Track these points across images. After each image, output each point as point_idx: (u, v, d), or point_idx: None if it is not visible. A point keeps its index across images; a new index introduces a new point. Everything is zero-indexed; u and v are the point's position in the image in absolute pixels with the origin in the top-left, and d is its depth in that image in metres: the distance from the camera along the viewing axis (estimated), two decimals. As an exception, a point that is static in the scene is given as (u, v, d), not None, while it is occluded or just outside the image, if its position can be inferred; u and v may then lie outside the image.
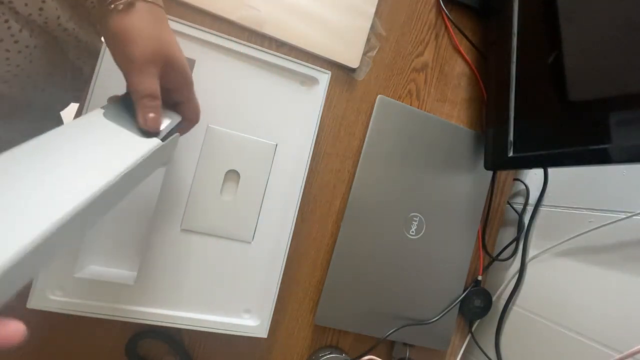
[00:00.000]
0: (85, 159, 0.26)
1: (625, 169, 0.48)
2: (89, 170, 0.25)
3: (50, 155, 0.25)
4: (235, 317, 0.45)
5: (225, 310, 0.44)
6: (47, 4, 0.37)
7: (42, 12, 0.37)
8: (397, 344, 0.57)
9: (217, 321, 0.44)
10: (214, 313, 0.44)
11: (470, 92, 0.62)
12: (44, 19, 0.38)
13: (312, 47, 0.52)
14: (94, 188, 0.24)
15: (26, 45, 0.37)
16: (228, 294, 0.45)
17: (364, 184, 0.54)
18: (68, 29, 0.42)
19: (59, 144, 0.26)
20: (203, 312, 0.44)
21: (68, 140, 0.27)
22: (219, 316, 0.44)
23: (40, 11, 0.37)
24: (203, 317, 0.43)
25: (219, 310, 0.44)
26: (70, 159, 0.25)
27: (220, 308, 0.44)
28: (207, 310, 0.44)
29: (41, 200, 0.22)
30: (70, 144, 0.26)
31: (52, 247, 0.22)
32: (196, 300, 0.44)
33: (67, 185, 0.23)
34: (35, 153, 0.24)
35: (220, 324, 0.44)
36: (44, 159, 0.24)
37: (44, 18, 0.38)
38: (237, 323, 0.44)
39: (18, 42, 0.36)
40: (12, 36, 0.36)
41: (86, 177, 0.24)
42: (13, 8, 0.35)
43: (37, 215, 0.21)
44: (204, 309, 0.44)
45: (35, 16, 0.37)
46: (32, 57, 0.39)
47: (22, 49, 0.37)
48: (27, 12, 0.36)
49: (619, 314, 0.43)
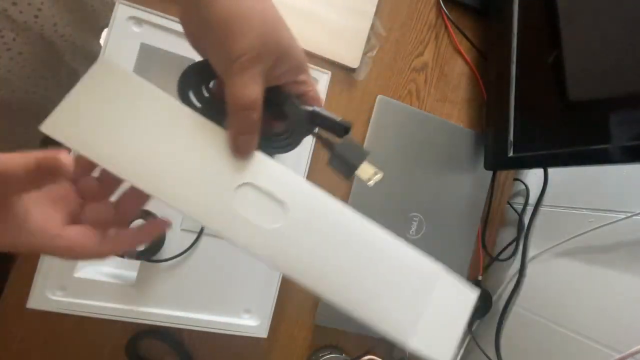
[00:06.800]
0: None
1: (625, 169, 0.48)
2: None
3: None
4: (235, 317, 0.45)
5: (225, 310, 0.45)
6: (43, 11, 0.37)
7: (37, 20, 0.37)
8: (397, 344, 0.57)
9: (217, 321, 0.44)
10: (214, 313, 0.44)
11: (470, 92, 0.62)
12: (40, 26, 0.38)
13: (312, 47, 0.52)
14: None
15: (19, 52, 0.37)
16: (228, 294, 0.45)
17: (364, 184, 0.54)
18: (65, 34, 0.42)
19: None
20: (203, 312, 0.44)
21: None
22: (219, 316, 0.44)
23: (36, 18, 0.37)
24: (203, 317, 0.43)
25: (219, 310, 0.44)
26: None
27: (220, 308, 0.44)
28: (207, 310, 0.44)
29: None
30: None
31: None
32: (196, 300, 0.44)
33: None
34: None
35: (220, 324, 0.44)
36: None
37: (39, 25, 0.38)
38: (237, 323, 0.44)
39: (11, 49, 0.36)
40: (5, 44, 0.35)
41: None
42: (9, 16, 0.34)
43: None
44: (204, 309, 0.44)
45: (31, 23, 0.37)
46: (25, 62, 0.38)
47: (14, 55, 0.37)
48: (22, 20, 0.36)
49: (619, 314, 0.43)
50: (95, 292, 0.40)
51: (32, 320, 0.43)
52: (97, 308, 0.40)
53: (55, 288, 0.39)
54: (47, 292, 0.39)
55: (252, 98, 0.23)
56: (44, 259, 0.39)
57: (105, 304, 0.40)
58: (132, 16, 0.41)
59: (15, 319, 0.43)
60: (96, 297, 0.40)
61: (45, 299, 0.39)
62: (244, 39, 0.22)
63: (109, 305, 0.40)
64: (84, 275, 0.41)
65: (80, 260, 0.38)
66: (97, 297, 0.40)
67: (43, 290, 0.39)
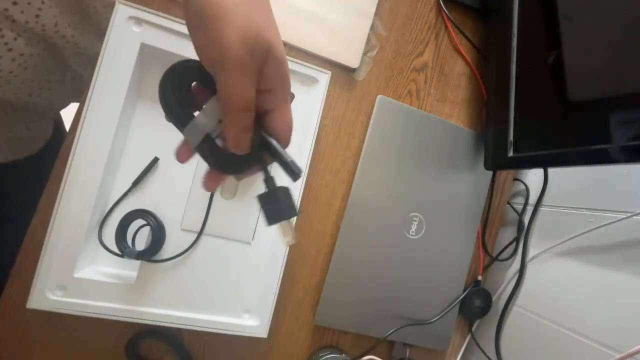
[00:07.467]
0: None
1: (625, 169, 0.48)
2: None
3: None
4: (235, 317, 0.45)
5: (225, 310, 0.45)
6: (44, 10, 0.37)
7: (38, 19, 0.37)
8: (397, 344, 0.57)
9: (217, 321, 0.44)
10: (214, 313, 0.44)
11: (470, 92, 0.62)
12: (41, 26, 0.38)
13: (312, 47, 0.52)
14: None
15: (21, 53, 0.37)
16: (228, 294, 0.45)
17: (364, 184, 0.54)
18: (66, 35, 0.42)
19: None
20: (203, 312, 0.44)
21: None
22: (219, 316, 0.44)
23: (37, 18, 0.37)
24: (203, 317, 0.43)
25: (219, 310, 0.44)
26: None
27: (220, 308, 0.44)
28: (207, 310, 0.44)
29: None
30: None
31: None
32: (196, 300, 0.44)
33: None
34: None
35: (220, 324, 0.44)
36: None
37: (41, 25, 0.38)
38: (237, 323, 0.44)
39: (12, 50, 0.36)
40: (6, 44, 0.35)
41: None
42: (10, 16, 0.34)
43: None
44: (204, 309, 0.44)
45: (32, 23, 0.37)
46: (27, 64, 0.38)
47: (16, 56, 0.37)
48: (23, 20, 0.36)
49: (618, 314, 0.43)
50: (95, 292, 0.40)
51: (32, 320, 0.43)
52: (97, 308, 0.40)
53: (55, 288, 0.39)
54: (47, 292, 0.39)
55: (248, 98, 0.23)
56: (44, 259, 0.39)
57: (105, 304, 0.40)
58: (132, 16, 0.41)
59: (15, 319, 0.43)
60: (96, 297, 0.40)
61: (45, 299, 0.39)
62: (236, 27, 0.21)
63: (109, 305, 0.40)
64: (84, 275, 0.41)
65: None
66: (97, 297, 0.40)
67: (43, 290, 0.39)
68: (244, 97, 0.22)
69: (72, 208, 0.40)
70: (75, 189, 0.40)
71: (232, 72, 0.22)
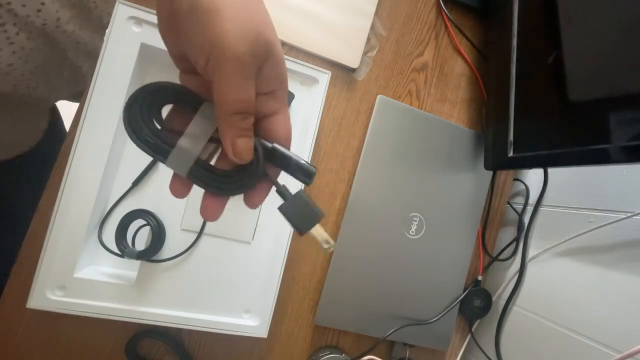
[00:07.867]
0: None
1: (625, 169, 0.48)
2: None
3: None
4: (235, 317, 0.45)
5: (225, 310, 0.45)
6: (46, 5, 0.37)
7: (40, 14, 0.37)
8: (397, 344, 0.57)
9: (217, 321, 0.44)
10: (214, 313, 0.44)
11: (470, 92, 0.62)
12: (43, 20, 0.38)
13: (311, 47, 0.52)
14: None
15: (22, 47, 0.37)
16: (228, 294, 0.45)
17: (364, 184, 0.54)
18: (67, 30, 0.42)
19: None
20: (203, 312, 0.44)
21: None
22: (219, 316, 0.44)
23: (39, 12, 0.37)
24: (203, 317, 0.43)
25: (219, 310, 0.44)
26: None
27: (220, 308, 0.44)
28: (207, 310, 0.44)
29: None
30: None
31: None
32: (196, 300, 0.44)
33: None
34: None
35: (220, 324, 0.44)
36: None
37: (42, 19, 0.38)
38: (237, 323, 0.44)
39: (13, 43, 0.36)
40: (8, 39, 0.36)
41: None
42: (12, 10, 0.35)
43: None
44: (204, 309, 0.44)
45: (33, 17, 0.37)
46: (27, 58, 0.39)
47: (17, 49, 0.37)
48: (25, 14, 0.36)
49: (619, 314, 0.43)
50: (95, 292, 0.40)
51: (32, 320, 0.43)
52: (97, 308, 0.40)
53: (55, 288, 0.39)
54: (47, 292, 0.39)
55: (248, 100, 0.21)
56: (44, 259, 0.39)
57: (105, 304, 0.40)
58: (132, 16, 0.41)
59: (15, 319, 0.43)
60: (96, 297, 0.40)
61: (45, 299, 0.39)
62: (233, 24, 0.19)
63: (109, 305, 0.40)
64: (84, 275, 0.41)
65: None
66: (97, 297, 0.40)
67: (43, 290, 0.39)
68: (243, 98, 0.21)
69: (72, 208, 0.40)
70: (75, 189, 0.40)
71: (231, 72, 0.20)
